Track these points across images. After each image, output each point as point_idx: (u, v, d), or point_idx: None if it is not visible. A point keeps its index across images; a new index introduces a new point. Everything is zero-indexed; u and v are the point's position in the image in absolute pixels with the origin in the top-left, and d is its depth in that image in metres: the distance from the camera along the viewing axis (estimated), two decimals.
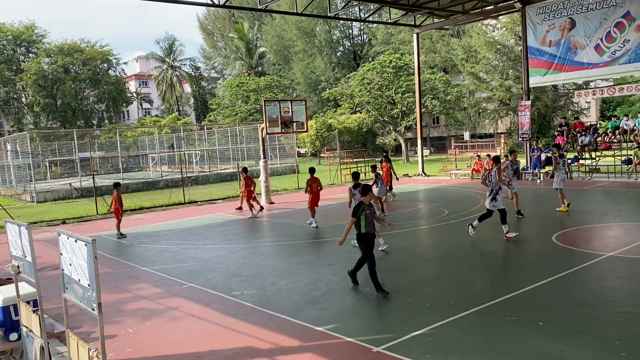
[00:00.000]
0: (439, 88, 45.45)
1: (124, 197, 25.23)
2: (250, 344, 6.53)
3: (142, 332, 7.27)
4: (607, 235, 11.61)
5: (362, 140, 54.39)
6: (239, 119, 53.05)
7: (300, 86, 63.28)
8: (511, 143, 44.73)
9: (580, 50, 23.88)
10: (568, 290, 7.79)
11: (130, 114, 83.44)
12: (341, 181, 28.81)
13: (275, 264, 10.75)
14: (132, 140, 53.82)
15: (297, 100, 22.67)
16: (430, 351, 5.86)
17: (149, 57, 78.81)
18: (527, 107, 25.83)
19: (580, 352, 5.63)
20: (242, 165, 22.34)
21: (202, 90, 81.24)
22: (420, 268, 9.88)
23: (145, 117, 71.71)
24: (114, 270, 11.14)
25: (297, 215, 17.72)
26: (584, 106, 50.65)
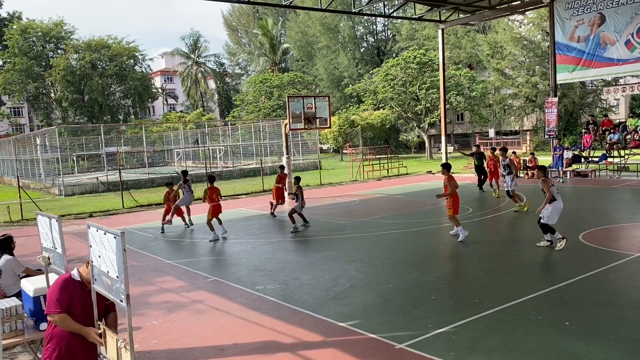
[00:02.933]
0: (464, 84, 44.94)
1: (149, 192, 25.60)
2: (274, 338, 6.58)
3: (167, 325, 7.38)
4: (636, 235, 11.36)
5: (385, 137, 54.13)
6: (262, 114, 53.29)
7: (323, 82, 63.23)
8: (537, 140, 44.10)
9: (610, 46, 23.36)
10: (595, 290, 7.66)
11: (156, 109, 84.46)
12: (363, 178, 28.76)
13: (298, 259, 10.80)
14: (158, 136, 54.52)
15: (320, 96, 22.68)
16: (453, 349, 5.83)
17: (174, 53, 79.65)
18: (554, 104, 25.40)
19: (606, 353, 5.54)
20: (280, 163, 22.07)
21: (226, 87, 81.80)
22: (444, 266, 9.82)
23: (170, 113, 72.52)
24: (140, 263, 11.32)
25: (319, 210, 17.75)
26: (613, 103, 49.51)
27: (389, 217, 15.04)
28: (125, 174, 33.16)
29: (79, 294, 4.41)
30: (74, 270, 4.57)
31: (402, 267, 9.73)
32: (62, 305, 4.29)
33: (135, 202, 22.09)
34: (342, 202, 19.88)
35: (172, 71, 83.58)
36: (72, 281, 4.46)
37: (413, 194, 20.89)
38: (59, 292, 4.36)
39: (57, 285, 4.45)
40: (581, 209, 15.48)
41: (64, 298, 4.33)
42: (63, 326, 4.31)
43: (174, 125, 53.32)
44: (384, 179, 28.79)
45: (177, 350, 6.40)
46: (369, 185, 25.46)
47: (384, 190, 22.88)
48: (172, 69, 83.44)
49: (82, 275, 4.50)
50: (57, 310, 4.28)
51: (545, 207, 10.18)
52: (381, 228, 13.62)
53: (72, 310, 4.35)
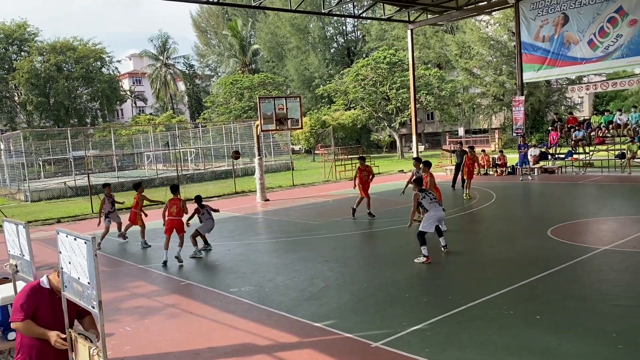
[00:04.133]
0: (433, 84, 45.48)
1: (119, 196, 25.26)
2: (249, 340, 6.55)
3: (140, 330, 7.27)
4: (602, 229, 11.68)
5: (357, 137, 54.38)
6: (233, 116, 52.94)
7: (294, 83, 63.18)
8: (505, 138, 44.94)
9: (573, 46, 23.97)
10: (564, 284, 7.84)
11: (124, 112, 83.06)
12: (336, 178, 28.83)
13: (272, 261, 10.76)
14: (127, 139, 53.62)
15: (291, 97, 22.65)
16: (428, 346, 5.89)
17: (143, 55, 78.47)
18: (520, 103, 25.91)
19: (577, 345, 5.67)
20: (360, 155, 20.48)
21: (196, 88, 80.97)
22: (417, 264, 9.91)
23: (139, 115, 71.42)
24: (111, 268, 11.12)
25: (292, 212, 17.73)
26: (577, 101, 50.82)
27: (363, 216, 15.11)
28: (94, 178, 32.50)
29: (47, 301, 4.30)
30: (43, 278, 4.46)
31: (376, 266, 9.79)
32: (26, 313, 4.19)
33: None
34: (315, 202, 19.90)
35: (141, 73, 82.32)
36: (40, 289, 4.35)
37: (385, 193, 21.03)
38: (24, 300, 4.26)
39: (23, 293, 4.34)
40: (549, 204, 15.84)
41: (29, 306, 4.23)
42: (27, 333, 4.21)
43: (143, 128, 52.54)
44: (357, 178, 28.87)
45: (150, 356, 6.31)
46: (342, 185, 25.54)
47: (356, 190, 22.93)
48: (140, 71, 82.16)
49: (52, 283, 4.39)
50: (20, 318, 4.18)
51: (424, 217, 9.94)
52: (355, 228, 13.68)
53: (40, 317, 4.24)
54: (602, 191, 17.95)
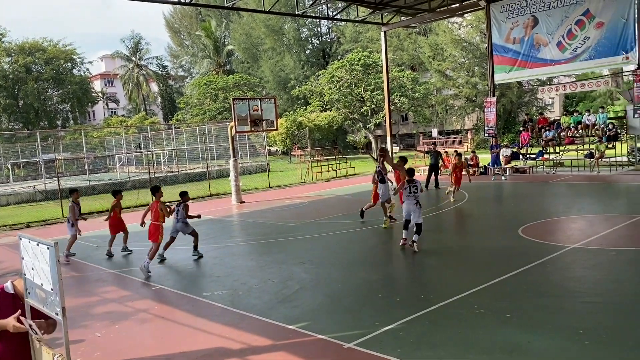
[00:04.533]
0: (407, 85, 45.85)
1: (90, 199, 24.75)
2: (222, 344, 6.49)
3: (110, 336, 7.15)
4: (571, 228, 11.92)
5: (333, 138, 54.51)
6: (207, 117, 52.53)
7: (269, 84, 63.01)
8: (478, 139, 45.57)
9: (543, 47, 24.44)
10: (534, 282, 7.97)
11: (96, 114, 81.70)
12: (312, 179, 28.84)
13: (247, 264, 10.70)
14: (98, 141, 52.73)
15: (266, 98, 22.62)
16: (401, 345, 5.92)
17: (115, 56, 77.33)
18: (492, 104, 26.30)
19: (545, 342, 5.77)
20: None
21: (169, 89, 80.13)
22: (391, 264, 9.97)
23: (111, 117, 70.31)
24: (81, 273, 10.92)
25: (268, 214, 17.67)
26: (548, 102, 51.83)
27: (338, 217, 15.14)
28: (65, 181, 31.91)
29: (11, 307, 4.19)
30: (7, 283, 4.35)
31: (351, 267, 9.82)
32: None
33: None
34: (291, 204, 19.86)
35: (113, 74, 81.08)
36: (4, 294, 4.24)
37: (362, 194, 21.08)
38: None
39: None
40: (520, 204, 16.11)
41: None
42: None
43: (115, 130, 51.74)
44: (333, 179, 28.98)
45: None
46: (318, 187, 25.57)
47: (332, 191, 23.03)
48: (112, 72, 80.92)
49: (17, 289, 4.29)
50: None
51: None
52: (330, 229, 13.69)
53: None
54: (572, 190, 18.33)
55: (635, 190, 17.30)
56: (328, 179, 29.25)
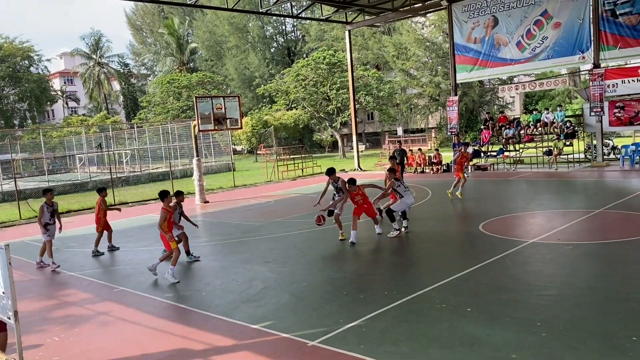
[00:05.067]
0: (372, 84, 46.21)
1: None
2: (184, 345, 6.41)
3: (69, 340, 6.97)
4: (530, 223, 12.23)
5: (299, 137, 54.50)
6: (170, 116, 51.78)
7: (234, 82, 62.55)
8: (441, 137, 46.30)
9: (503, 47, 24.99)
10: (494, 276, 8.15)
11: (56, 113, 79.55)
12: (278, 178, 28.76)
13: (211, 264, 10.60)
14: (58, 141, 51.36)
15: (230, 96, 22.38)
16: (364, 342, 5.97)
17: (74, 53, 75.41)
18: (454, 103, 26.75)
19: (504, 334, 5.91)
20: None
21: (131, 88, 78.62)
22: (355, 261, 10.03)
23: (71, 117, 68.55)
24: (39, 277, 10.63)
25: (233, 213, 17.53)
26: (509, 101, 53.06)
27: (304, 216, 15.13)
28: (23, 182, 30.97)
29: None
30: None
31: (315, 265, 9.84)
32: None
33: (34, 212, 20.66)
34: (256, 203, 19.76)
35: (73, 72, 79.05)
36: None
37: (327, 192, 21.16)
38: None
39: None
40: (481, 200, 16.44)
41: None
42: None
43: (76, 130, 50.47)
44: (299, 178, 28.96)
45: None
46: (284, 186, 25.52)
47: (298, 190, 23.02)
48: (72, 70, 78.89)
49: None
50: None
51: (397, 202, 11.67)
52: (296, 228, 13.67)
53: None
54: (531, 187, 18.80)
55: (592, 186, 17.88)
56: (294, 177, 29.23)
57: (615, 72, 22.48)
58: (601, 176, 19.96)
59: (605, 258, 8.83)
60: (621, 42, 21.71)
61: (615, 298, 6.88)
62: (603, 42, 22.12)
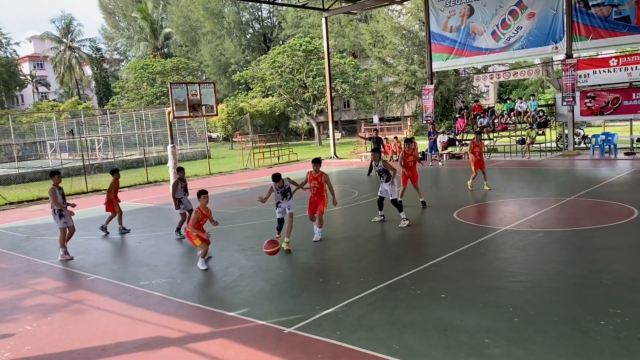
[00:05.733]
0: (349, 72, 46.15)
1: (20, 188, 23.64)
2: (160, 333, 6.38)
3: (42, 329, 6.87)
4: (503, 211, 12.44)
5: (275, 124, 54.22)
6: (144, 102, 50.95)
7: (209, 69, 61.77)
8: (417, 126, 46.61)
9: (478, 36, 25.19)
10: (468, 263, 8.28)
11: (25, 98, 77.57)
12: (254, 165, 28.63)
13: (186, 252, 10.53)
14: (28, 127, 50.12)
15: (205, 82, 22.13)
16: (340, 328, 6.02)
17: (44, 37, 73.45)
18: (430, 91, 26.92)
19: (477, 320, 6.02)
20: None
21: (104, 73, 77.07)
22: (331, 248, 10.08)
23: (41, 102, 66.97)
24: (9, 265, 10.41)
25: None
26: (483, 90, 53.58)
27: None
28: None
29: None
30: None
31: (292, 252, 9.84)
32: None
33: (4, 199, 20.25)
34: (232, 191, 19.66)
35: (42, 57, 77.12)
36: None
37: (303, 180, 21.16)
38: None
39: None
40: (455, 188, 16.65)
41: None
42: None
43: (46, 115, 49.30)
44: (275, 166, 28.87)
45: (54, 355, 5.99)
46: (260, 173, 25.40)
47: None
48: (42, 54, 76.92)
49: None
50: None
51: (391, 188, 11.41)
52: (272, 215, 13.57)
53: None
54: (504, 175, 19.09)
55: (563, 175, 18.25)
56: (270, 165, 29.13)
57: (587, 62, 22.89)
58: (572, 165, 20.38)
59: (575, 245, 9.04)
60: (593, 33, 22.09)
61: (584, 284, 7.07)
62: (576, 33, 22.48)
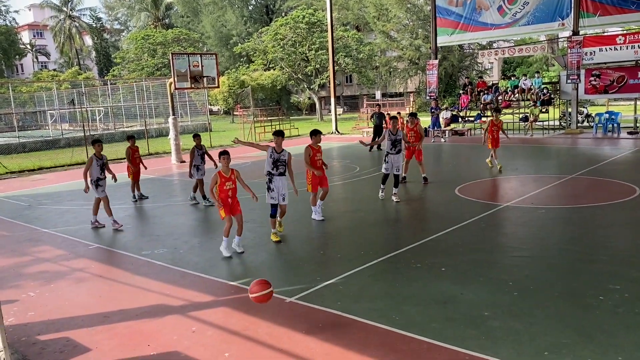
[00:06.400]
0: (352, 46, 45.68)
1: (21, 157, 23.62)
2: (162, 301, 6.43)
3: (45, 295, 6.93)
4: (504, 187, 12.45)
5: (277, 98, 53.89)
6: (145, 73, 50.57)
7: (210, 40, 61.14)
8: (420, 102, 46.34)
9: (484, 11, 24.85)
10: (468, 238, 8.31)
11: (25, 67, 76.97)
12: (255, 140, 28.53)
13: (188, 223, 10.57)
14: (28, 96, 49.85)
15: (207, 54, 21.90)
16: (340, 299, 6.07)
17: (44, 5, 72.48)
18: (434, 66, 26.66)
19: (477, 293, 6.06)
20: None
21: (104, 43, 76.28)
22: (333, 222, 10.10)
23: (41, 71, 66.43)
24: (12, 233, 10.46)
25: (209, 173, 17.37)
26: (488, 66, 53.15)
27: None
28: None
29: None
30: None
31: (293, 225, 9.87)
32: None
33: (5, 168, 20.24)
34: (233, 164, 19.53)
35: (42, 25, 76.22)
36: None
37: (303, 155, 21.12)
38: None
39: None
40: (458, 165, 16.62)
41: None
42: None
43: (46, 85, 48.96)
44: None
45: (57, 320, 6.05)
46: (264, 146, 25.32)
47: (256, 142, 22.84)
48: (41, 23, 75.99)
49: None
50: None
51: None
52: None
53: None
54: (507, 152, 18.99)
55: (565, 153, 18.21)
56: (271, 139, 29.00)
57: (594, 39, 22.63)
58: (574, 143, 20.32)
59: (576, 222, 9.06)
60: (601, 10, 21.78)
61: (584, 260, 7.10)
62: (583, 9, 22.16)
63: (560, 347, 4.70)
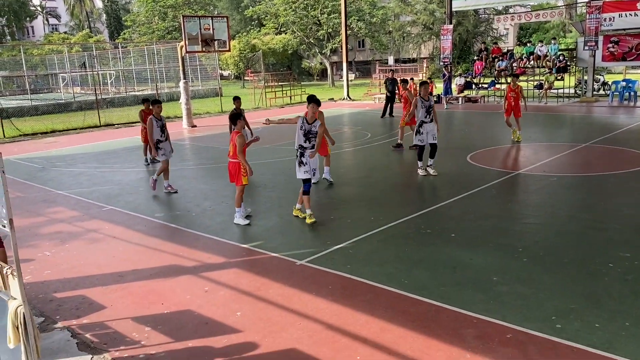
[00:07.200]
0: (365, 10, 44.86)
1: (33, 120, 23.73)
2: (175, 262, 6.55)
3: (60, 255, 7.08)
4: (517, 155, 12.37)
5: (288, 63, 53.34)
6: (156, 37, 50.16)
7: (222, 3, 60.23)
8: (433, 68, 45.65)
9: None
10: (479, 205, 8.31)
11: (36, 30, 76.57)
12: (266, 105, 28.43)
13: (200, 187, 10.64)
14: (39, 59, 49.78)
15: (218, 16, 21.65)
16: (350, 262, 6.14)
17: None
18: (449, 31, 26.17)
19: (487, 259, 6.10)
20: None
21: (115, 6, 75.46)
22: (343, 188, 10.14)
23: (52, 34, 66.12)
24: (26, 194, 10.61)
25: (220, 138, 17.41)
26: (503, 32, 52.04)
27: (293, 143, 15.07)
28: (5, 100, 30.31)
29: None
30: None
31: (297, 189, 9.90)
32: None
33: (18, 131, 20.40)
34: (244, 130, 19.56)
35: None
36: None
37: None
38: None
39: None
40: (470, 132, 16.49)
41: None
42: None
43: (57, 48, 48.81)
44: (287, 106, 28.66)
45: (72, 279, 6.20)
46: (272, 113, 25.24)
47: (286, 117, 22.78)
48: None
49: None
50: None
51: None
52: (285, 154, 13.66)
53: None
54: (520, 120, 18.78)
55: (579, 121, 17.97)
56: (282, 105, 28.91)
57: (613, 5, 22.01)
58: (589, 111, 20.02)
59: (588, 190, 9.01)
60: None
61: (594, 227, 7.10)
62: None
63: (568, 313, 4.75)
